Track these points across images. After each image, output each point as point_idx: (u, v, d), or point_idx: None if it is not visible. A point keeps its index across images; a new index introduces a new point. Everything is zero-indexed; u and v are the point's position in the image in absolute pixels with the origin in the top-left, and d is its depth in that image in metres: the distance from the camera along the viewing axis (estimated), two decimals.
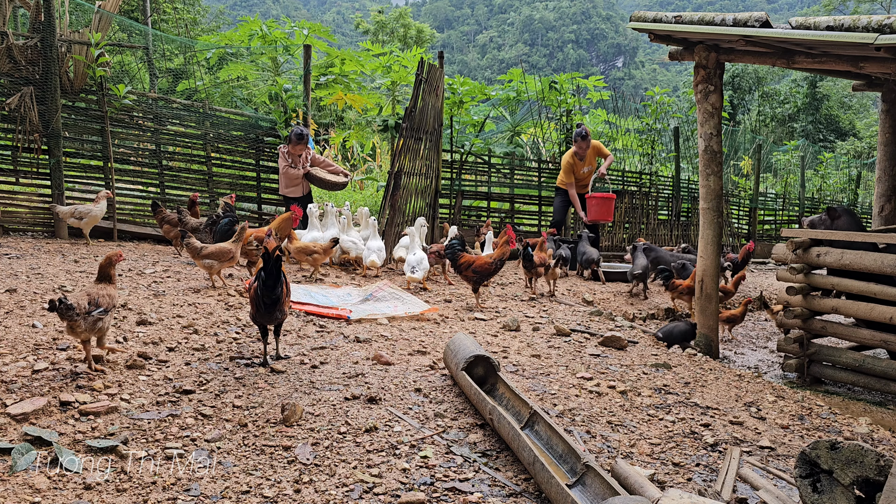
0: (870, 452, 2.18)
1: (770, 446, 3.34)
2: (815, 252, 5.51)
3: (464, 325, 5.11)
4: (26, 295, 4.29)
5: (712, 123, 5.77)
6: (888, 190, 7.83)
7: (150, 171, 8.10)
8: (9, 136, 7.07)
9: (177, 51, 13.95)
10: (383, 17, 45.34)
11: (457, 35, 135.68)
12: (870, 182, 21.91)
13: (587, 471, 2.44)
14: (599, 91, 12.57)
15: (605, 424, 3.34)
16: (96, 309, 3.11)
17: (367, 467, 2.61)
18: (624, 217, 11.97)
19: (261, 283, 3.38)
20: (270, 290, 3.38)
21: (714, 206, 5.83)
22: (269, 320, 3.52)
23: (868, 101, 38.24)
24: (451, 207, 10.41)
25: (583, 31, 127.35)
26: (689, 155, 14.57)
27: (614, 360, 4.58)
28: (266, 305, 3.40)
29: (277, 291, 3.41)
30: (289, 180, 7.97)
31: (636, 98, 13.40)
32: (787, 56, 5.42)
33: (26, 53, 6.97)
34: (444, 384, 3.60)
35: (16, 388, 2.88)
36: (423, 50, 14.76)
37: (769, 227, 16.74)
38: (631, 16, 5.98)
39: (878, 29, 4.11)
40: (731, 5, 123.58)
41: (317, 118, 15.35)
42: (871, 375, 5.23)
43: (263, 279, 3.38)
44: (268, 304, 3.40)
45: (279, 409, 3.01)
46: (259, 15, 12.31)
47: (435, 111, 8.90)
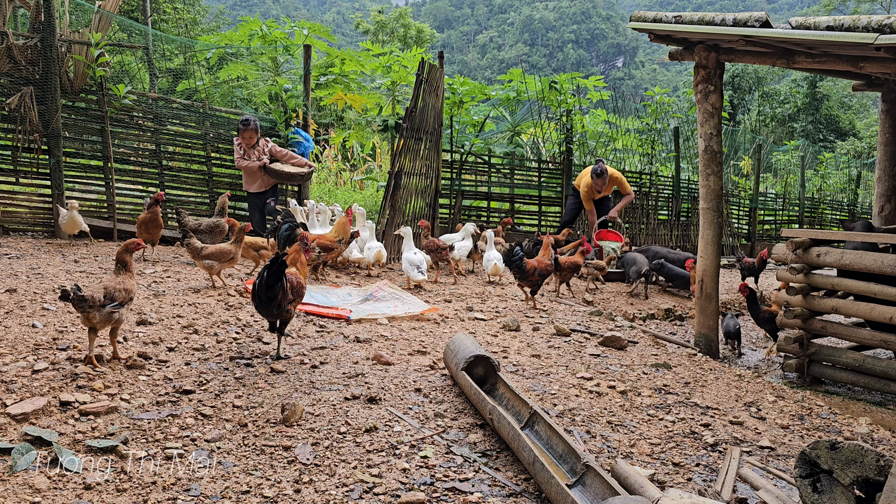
0: (870, 452, 2.18)
1: (770, 446, 3.34)
2: (815, 252, 5.51)
3: (464, 325, 5.11)
4: (26, 295, 4.29)
5: (712, 123, 5.78)
6: (888, 190, 7.83)
7: (150, 171, 8.10)
8: (9, 136, 7.07)
9: (177, 51, 13.94)
10: (383, 17, 45.33)
11: (457, 35, 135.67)
12: (870, 182, 21.91)
13: (587, 471, 2.44)
14: (599, 91, 12.57)
15: (605, 424, 3.34)
16: (111, 303, 3.16)
17: (367, 467, 2.61)
18: (624, 217, 11.97)
19: (262, 279, 3.54)
20: (269, 288, 3.53)
21: (714, 206, 5.83)
22: (266, 315, 3.70)
23: (868, 101, 38.23)
24: (451, 207, 10.41)
25: (583, 31, 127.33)
26: (689, 155, 14.56)
27: (614, 360, 4.58)
28: (262, 301, 3.58)
29: (275, 290, 3.54)
30: (245, 174, 7.57)
31: (636, 98, 13.39)
32: (787, 56, 5.42)
33: (26, 53, 6.96)
34: (444, 384, 3.60)
35: (16, 388, 2.88)
36: (423, 50, 14.76)
37: (769, 227, 16.73)
38: (631, 16, 5.98)
39: (878, 29, 4.11)
40: (731, 5, 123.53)
41: (317, 118, 15.36)
42: (871, 375, 5.23)
43: (265, 277, 3.53)
44: (263, 300, 3.56)
45: (279, 409, 3.01)
46: (259, 15, 12.31)
47: (435, 111, 8.89)
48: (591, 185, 8.77)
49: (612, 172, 8.85)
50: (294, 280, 3.74)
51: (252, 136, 7.40)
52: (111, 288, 3.21)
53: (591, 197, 8.96)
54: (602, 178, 8.59)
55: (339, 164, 15.05)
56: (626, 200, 9.03)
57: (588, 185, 8.84)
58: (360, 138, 14.35)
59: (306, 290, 5.39)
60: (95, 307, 3.10)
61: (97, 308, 3.11)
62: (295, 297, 3.75)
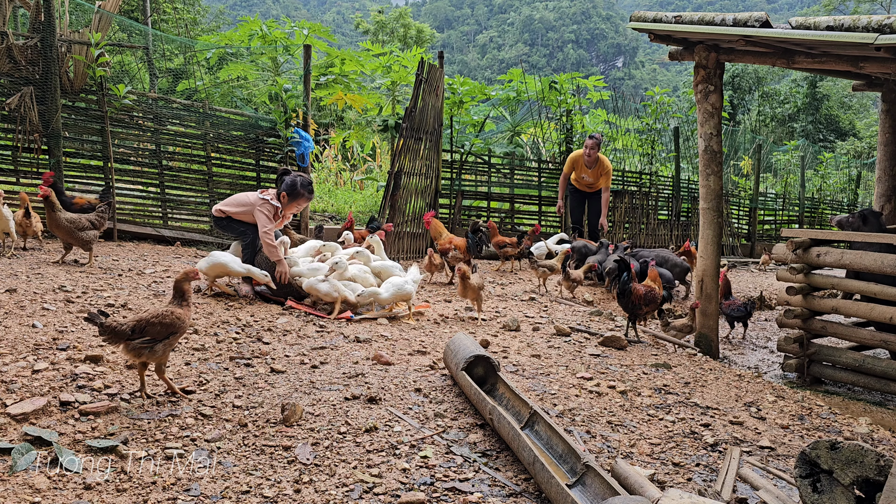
0: (870, 452, 2.18)
1: (770, 446, 3.34)
2: (815, 252, 5.51)
3: (464, 325, 5.11)
4: (26, 295, 4.29)
5: (712, 123, 5.77)
6: (888, 190, 7.83)
7: (150, 171, 8.10)
8: (9, 136, 7.07)
9: (177, 51, 13.96)
10: (383, 17, 45.33)
11: (457, 35, 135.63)
12: (870, 182, 21.90)
13: (587, 471, 2.44)
14: (599, 91, 12.57)
15: (605, 424, 3.34)
16: (140, 337, 2.86)
17: (367, 467, 2.61)
18: (624, 217, 11.97)
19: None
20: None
21: (714, 206, 5.82)
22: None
23: (868, 101, 38.22)
24: (450, 207, 10.41)
25: (583, 31, 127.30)
26: (689, 155, 14.56)
27: (614, 360, 4.58)
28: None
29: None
30: (244, 213, 5.40)
31: (636, 98, 13.39)
32: (787, 56, 5.42)
33: (26, 53, 6.96)
34: (444, 384, 3.60)
35: (16, 388, 2.88)
36: (423, 50, 14.76)
37: (769, 227, 16.73)
38: (631, 16, 5.97)
39: (878, 29, 4.11)
40: (731, 5, 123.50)
41: (317, 118, 15.35)
42: (871, 375, 5.23)
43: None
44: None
45: (279, 409, 3.01)
46: (259, 15, 12.31)
47: (435, 111, 8.90)
48: (581, 158, 8.87)
49: (606, 161, 8.93)
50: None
51: (305, 205, 6.02)
52: (145, 319, 2.89)
53: (576, 167, 8.97)
54: (594, 140, 8.67)
55: (339, 164, 15.06)
56: (605, 198, 9.01)
57: (577, 157, 8.93)
58: (360, 138, 14.36)
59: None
60: (122, 338, 2.83)
61: (123, 340, 2.84)
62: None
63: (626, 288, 5.16)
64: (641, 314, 5.32)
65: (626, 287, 5.16)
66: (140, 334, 2.87)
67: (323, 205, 11.52)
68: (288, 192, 5.33)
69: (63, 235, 5.33)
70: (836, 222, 6.10)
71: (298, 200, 5.42)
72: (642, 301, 5.17)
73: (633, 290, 5.15)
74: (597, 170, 8.89)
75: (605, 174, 8.92)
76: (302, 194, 5.38)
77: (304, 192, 5.38)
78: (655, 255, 8.09)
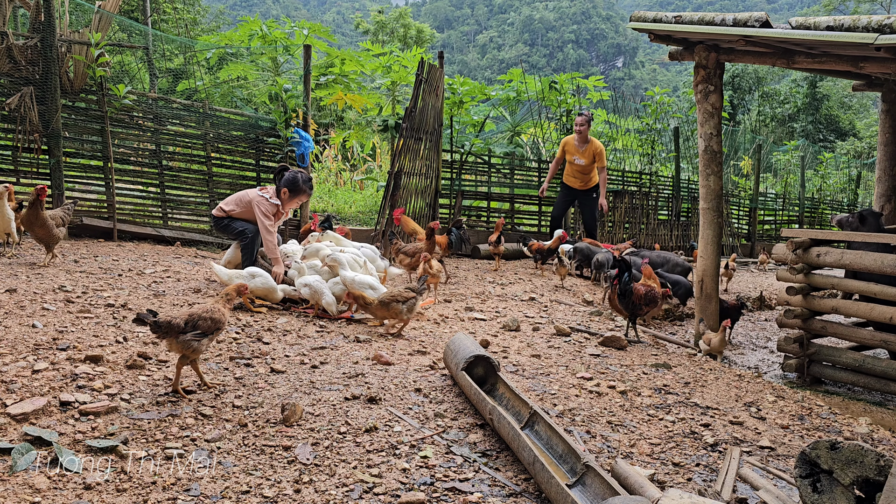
0: (870, 452, 2.18)
1: (770, 446, 3.34)
2: (815, 252, 5.51)
3: (464, 325, 5.11)
4: (26, 295, 4.29)
5: (712, 123, 5.78)
6: (888, 190, 7.83)
7: (150, 171, 8.10)
8: (9, 136, 7.07)
9: (177, 51, 13.96)
10: (383, 18, 45.34)
11: (457, 35, 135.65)
12: (870, 182, 21.90)
13: (587, 471, 2.44)
14: (599, 91, 12.57)
15: (605, 424, 3.34)
16: (192, 331, 3.03)
17: (367, 467, 2.61)
18: (624, 217, 11.97)
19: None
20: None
21: (714, 206, 5.83)
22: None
23: (868, 101, 38.23)
24: (450, 207, 10.41)
25: (583, 31, 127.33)
26: (689, 155, 14.57)
27: (614, 360, 4.58)
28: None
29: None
30: (246, 214, 5.52)
31: (636, 98, 13.40)
32: (787, 56, 5.42)
33: (26, 53, 6.96)
34: (444, 384, 3.60)
35: (16, 388, 2.88)
36: (423, 50, 14.76)
37: (769, 227, 16.74)
38: (631, 16, 5.98)
39: (878, 29, 4.11)
40: (731, 5, 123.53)
41: (317, 118, 15.36)
42: (871, 375, 5.23)
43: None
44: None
45: (279, 409, 3.01)
46: (259, 15, 12.31)
47: (435, 111, 8.89)
48: (572, 140, 8.88)
49: (596, 141, 8.91)
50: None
51: (305, 201, 6.12)
52: (196, 314, 3.07)
53: (567, 149, 8.98)
54: (584, 116, 8.68)
55: (339, 165, 15.06)
56: (603, 177, 8.98)
57: (568, 139, 8.94)
58: (360, 138, 14.36)
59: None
60: (174, 333, 2.97)
61: (175, 335, 2.98)
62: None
63: (627, 288, 5.19)
64: (641, 314, 5.36)
65: (627, 287, 5.19)
66: (192, 328, 3.03)
67: (323, 205, 11.51)
68: (289, 188, 5.45)
69: (43, 233, 5.41)
70: (836, 221, 6.10)
71: (299, 196, 5.54)
72: (642, 301, 5.21)
73: (633, 291, 5.19)
74: (589, 150, 8.86)
75: (598, 154, 8.88)
76: (303, 190, 5.50)
77: (304, 187, 5.51)
78: (657, 255, 8.11)
